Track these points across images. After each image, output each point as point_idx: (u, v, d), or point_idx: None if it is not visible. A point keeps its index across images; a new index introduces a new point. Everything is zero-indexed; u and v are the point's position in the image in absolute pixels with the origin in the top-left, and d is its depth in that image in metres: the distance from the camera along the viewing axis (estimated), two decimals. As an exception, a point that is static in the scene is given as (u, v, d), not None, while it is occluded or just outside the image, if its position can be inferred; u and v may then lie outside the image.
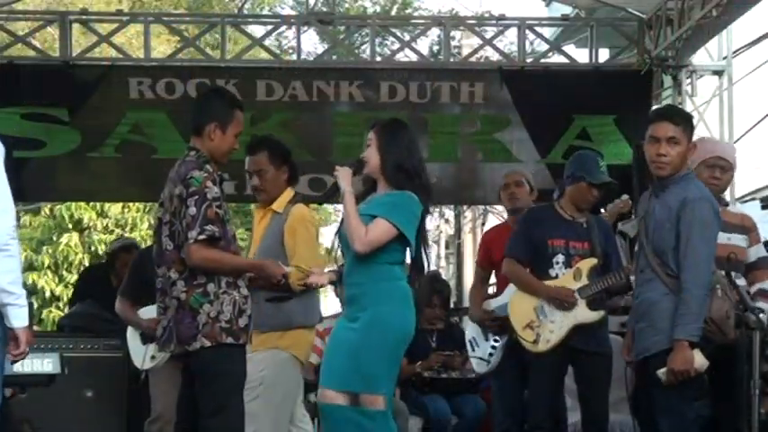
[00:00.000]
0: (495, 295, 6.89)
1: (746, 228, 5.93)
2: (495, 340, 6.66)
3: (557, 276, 6.13)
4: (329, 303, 13.97)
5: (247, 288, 5.16)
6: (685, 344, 4.88)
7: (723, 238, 5.62)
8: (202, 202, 4.98)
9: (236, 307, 5.05)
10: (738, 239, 5.84)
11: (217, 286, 5.02)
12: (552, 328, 6.05)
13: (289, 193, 5.98)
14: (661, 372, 4.95)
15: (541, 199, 7.05)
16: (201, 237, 4.96)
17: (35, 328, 11.48)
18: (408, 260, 5.20)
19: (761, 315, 5.32)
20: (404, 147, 5.17)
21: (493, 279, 7.17)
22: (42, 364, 5.99)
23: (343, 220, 5.19)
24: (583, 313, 6.05)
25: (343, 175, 5.19)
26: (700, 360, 4.90)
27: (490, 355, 6.70)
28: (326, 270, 5.51)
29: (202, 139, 5.17)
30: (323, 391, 5.11)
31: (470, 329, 6.91)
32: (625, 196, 6.38)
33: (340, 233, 5.22)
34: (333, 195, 5.40)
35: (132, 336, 6.87)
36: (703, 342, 4.95)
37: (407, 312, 5.07)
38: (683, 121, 5.20)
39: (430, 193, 5.20)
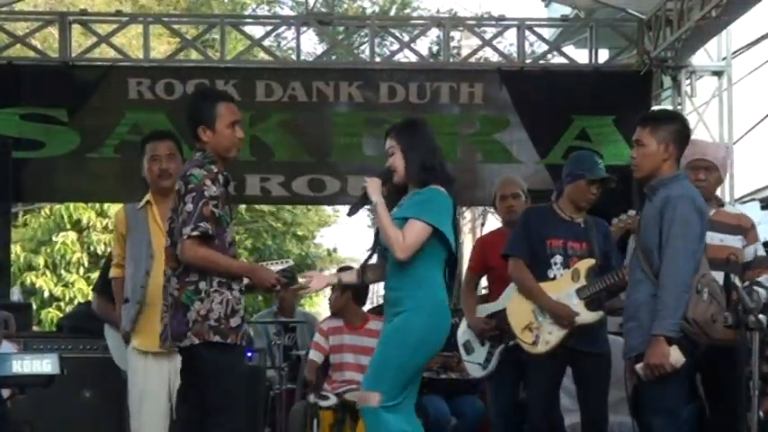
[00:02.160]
0: (488, 299, 6.86)
1: (743, 228, 5.92)
2: (492, 345, 6.65)
3: (555, 277, 6.13)
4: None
5: (242, 293, 5.15)
6: (661, 338, 4.91)
7: (716, 239, 5.64)
8: (199, 199, 4.98)
9: (229, 306, 5.03)
10: (733, 240, 5.81)
11: (208, 284, 5.02)
12: (551, 330, 6.05)
13: None
14: (638, 366, 4.99)
15: (541, 200, 7.03)
16: (194, 233, 4.95)
17: (34, 328, 11.47)
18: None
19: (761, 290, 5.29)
20: (426, 145, 5.17)
21: (483, 282, 7.14)
22: (41, 364, 5.96)
23: (378, 230, 5.16)
24: (582, 314, 6.05)
25: (373, 187, 5.13)
26: (676, 356, 4.91)
27: (486, 360, 6.69)
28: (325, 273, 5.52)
29: (202, 142, 5.19)
30: None
31: (463, 333, 6.87)
32: (632, 212, 6.34)
33: (379, 240, 5.21)
34: (361, 206, 5.32)
35: (112, 335, 6.79)
36: (689, 344, 4.97)
37: (435, 320, 5.05)
38: (651, 122, 5.23)
39: (453, 186, 5.19)
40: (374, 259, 5.32)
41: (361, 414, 5.11)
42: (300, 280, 5.51)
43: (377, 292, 19.22)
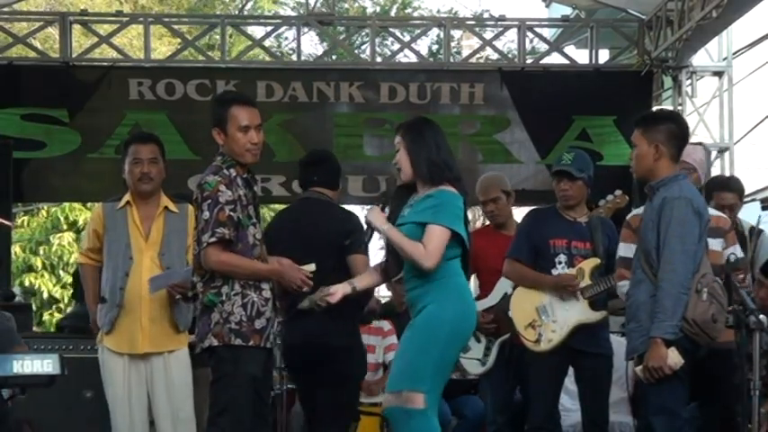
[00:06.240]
0: (479, 298, 6.85)
1: (721, 230, 5.89)
2: (490, 341, 6.65)
3: (559, 276, 6.14)
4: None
5: (272, 292, 5.15)
6: (659, 341, 4.92)
7: None
8: (214, 206, 4.99)
9: (253, 308, 5.04)
10: (713, 244, 5.73)
11: (230, 288, 5.03)
12: (554, 328, 6.05)
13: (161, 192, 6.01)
14: (638, 369, 5.01)
15: (542, 200, 7.03)
16: (212, 239, 4.97)
17: (35, 329, 11.48)
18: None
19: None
20: (431, 143, 5.16)
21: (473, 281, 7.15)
22: (42, 364, 5.97)
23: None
24: (585, 313, 6.05)
25: (376, 216, 5.14)
26: (674, 358, 4.92)
27: (485, 355, 6.69)
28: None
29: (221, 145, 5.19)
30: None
31: None
32: (618, 192, 6.33)
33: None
34: (371, 237, 5.29)
35: None
36: (690, 345, 4.98)
37: (461, 308, 5.01)
38: (643, 123, 5.24)
39: (462, 185, 5.19)
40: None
41: (399, 416, 4.97)
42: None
43: (377, 292, 19.19)
